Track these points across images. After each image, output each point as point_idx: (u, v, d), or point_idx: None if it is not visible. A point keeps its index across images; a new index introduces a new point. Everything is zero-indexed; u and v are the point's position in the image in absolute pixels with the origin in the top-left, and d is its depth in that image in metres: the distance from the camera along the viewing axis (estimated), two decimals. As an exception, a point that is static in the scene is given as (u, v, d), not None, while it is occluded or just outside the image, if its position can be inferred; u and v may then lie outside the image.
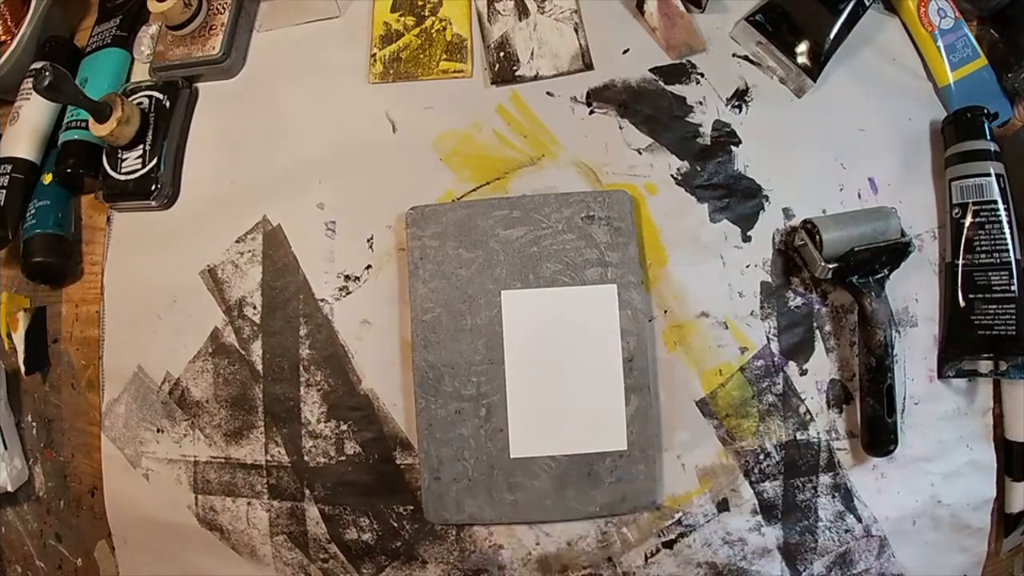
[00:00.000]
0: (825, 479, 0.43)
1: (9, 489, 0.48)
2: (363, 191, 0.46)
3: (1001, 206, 0.42)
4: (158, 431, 0.46)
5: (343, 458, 0.44)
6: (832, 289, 0.44)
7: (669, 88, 0.46)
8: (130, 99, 0.47)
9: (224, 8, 0.49)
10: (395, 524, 0.43)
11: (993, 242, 0.42)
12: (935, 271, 0.45)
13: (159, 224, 0.48)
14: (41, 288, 0.51)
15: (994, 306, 0.41)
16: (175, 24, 0.48)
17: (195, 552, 0.46)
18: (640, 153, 0.45)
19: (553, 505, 0.41)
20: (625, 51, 0.47)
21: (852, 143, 0.45)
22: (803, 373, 0.43)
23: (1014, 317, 0.41)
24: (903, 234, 0.42)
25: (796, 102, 0.46)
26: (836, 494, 0.43)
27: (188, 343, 0.46)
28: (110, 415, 0.47)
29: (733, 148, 0.45)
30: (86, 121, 0.46)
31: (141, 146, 0.47)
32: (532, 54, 0.47)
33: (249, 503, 0.45)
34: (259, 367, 0.45)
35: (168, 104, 0.48)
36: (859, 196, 0.45)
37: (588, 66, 0.47)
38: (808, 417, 0.43)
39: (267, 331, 0.45)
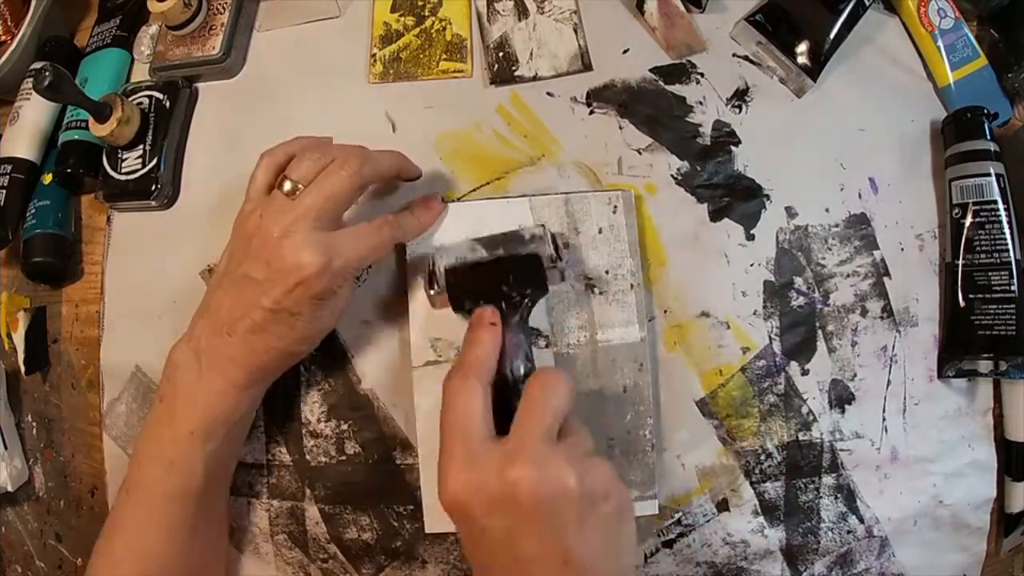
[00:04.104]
0: (828, 480, 0.43)
1: (9, 489, 0.48)
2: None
3: (1001, 206, 0.42)
4: (158, 431, 0.46)
5: (343, 458, 0.44)
6: (835, 289, 0.44)
7: (669, 88, 0.46)
8: (130, 99, 0.47)
9: (224, 8, 0.49)
10: (395, 524, 0.43)
11: (993, 242, 0.42)
12: (935, 271, 0.45)
13: (159, 224, 0.48)
14: (41, 288, 0.51)
15: (994, 306, 0.41)
16: (175, 24, 0.48)
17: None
18: (640, 153, 0.45)
19: None
20: (625, 51, 0.47)
21: (852, 143, 0.45)
22: (805, 373, 0.43)
23: (1014, 317, 0.41)
24: (553, 255, 0.37)
25: (796, 102, 0.46)
26: (839, 495, 0.43)
27: (188, 343, 0.46)
28: (111, 414, 0.47)
29: (733, 148, 0.45)
30: (86, 121, 0.46)
31: (141, 146, 0.47)
32: (531, 54, 0.47)
33: (249, 502, 0.45)
34: (259, 367, 0.45)
35: (168, 104, 0.48)
36: (859, 196, 0.45)
37: (587, 67, 0.47)
38: (811, 418, 0.43)
39: (267, 331, 0.45)
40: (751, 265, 0.44)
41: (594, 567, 0.30)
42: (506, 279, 0.36)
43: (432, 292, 0.37)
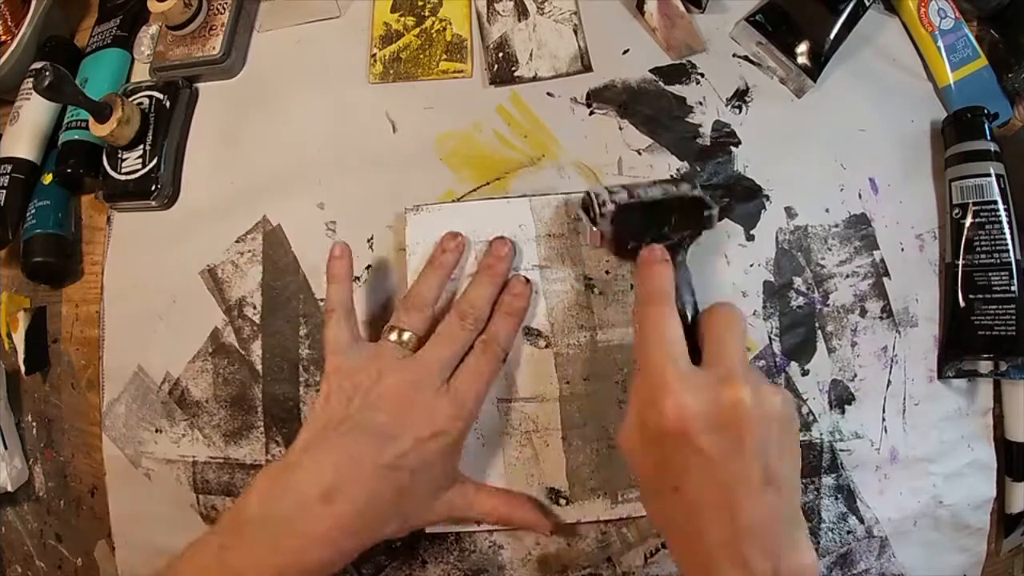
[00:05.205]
0: (828, 480, 0.43)
1: (9, 489, 0.48)
2: (363, 191, 0.46)
3: (1001, 206, 0.42)
4: (156, 431, 0.46)
5: (343, 458, 0.43)
6: (834, 289, 0.44)
7: (669, 88, 0.46)
8: (130, 99, 0.47)
9: (224, 8, 0.49)
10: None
11: (993, 242, 0.42)
12: (935, 271, 0.45)
13: (159, 224, 0.48)
14: (41, 288, 0.51)
15: (994, 306, 0.41)
16: (175, 24, 0.48)
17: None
18: (640, 153, 0.45)
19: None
20: (625, 51, 0.47)
21: (852, 143, 0.45)
22: (804, 373, 0.43)
23: (1014, 317, 0.41)
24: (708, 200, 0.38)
25: (796, 102, 0.46)
26: (839, 495, 0.43)
27: (188, 343, 0.46)
28: (110, 415, 0.47)
29: (733, 148, 0.45)
30: (86, 121, 0.46)
31: (141, 146, 0.47)
32: (531, 55, 0.47)
33: (249, 503, 0.44)
34: (259, 367, 0.45)
35: (168, 104, 0.48)
36: (859, 196, 0.45)
37: (587, 68, 0.46)
38: (811, 418, 0.43)
39: (267, 331, 0.45)
40: (751, 265, 0.44)
41: (787, 484, 0.30)
42: (668, 221, 0.37)
43: (595, 229, 0.38)
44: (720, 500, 0.30)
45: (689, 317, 0.36)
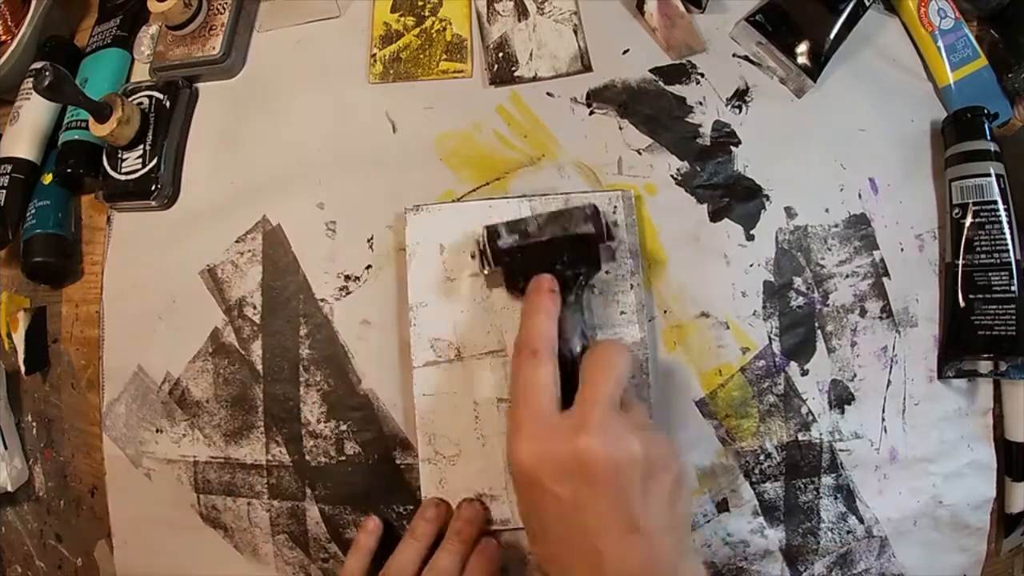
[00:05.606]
0: (827, 480, 0.43)
1: (9, 489, 0.48)
2: (363, 191, 0.46)
3: (1001, 206, 0.42)
4: (157, 431, 0.46)
5: (343, 458, 0.44)
6: (834, 289, 0.44)
7: (669, 88, 0.46)
8: (130, 99, 0.47)
9: (224, 8, 0.49)
10: (395, 524, 0.43)
11: (993, 242, 0.42)
12: (935, 271, 0.45)
13: (159, 224, 0.48)
14: (41, 288, 0.51)
15: (994, 306, 0.41)
16: (175, 24, 0.48)
17: (197, 550, 0.46)
18: (640, 153, 0.45)
19: None
20: (625, 51, 0.47)
21: (852, 143, 0.45)
22: (804, 373, 0.43)
23: (1014, 317, 0.41)
24: (604, 228, 0.37)
25: (796, 102, 0.46)
26: (838, 495, 0.43)
27: (188, 343, 0.46)
28: (111, 415, 0.47)
29: (733, 148, 0.45)
30: (86, 121, 0.47)
31: (141, 146, 0.47)
32: (531, 55, 0.47)
33: (249, 503, 0.45)
34: (259, 367, 0.45)
35: (168, 104, 0.48)
36: (859, 196, 0.45)
37: (587, 68, 0.47)
38: (810, 418, 0.43)
39: (267, 331, 0.45)
40: (751, 265, 0.44)
41: (658, 536, 0.29)
42: (560, 258, 0.37)
43: (486, 272, 0.37)
44: (584, 548, 0.29)
45: (578, 361, 0.35)
